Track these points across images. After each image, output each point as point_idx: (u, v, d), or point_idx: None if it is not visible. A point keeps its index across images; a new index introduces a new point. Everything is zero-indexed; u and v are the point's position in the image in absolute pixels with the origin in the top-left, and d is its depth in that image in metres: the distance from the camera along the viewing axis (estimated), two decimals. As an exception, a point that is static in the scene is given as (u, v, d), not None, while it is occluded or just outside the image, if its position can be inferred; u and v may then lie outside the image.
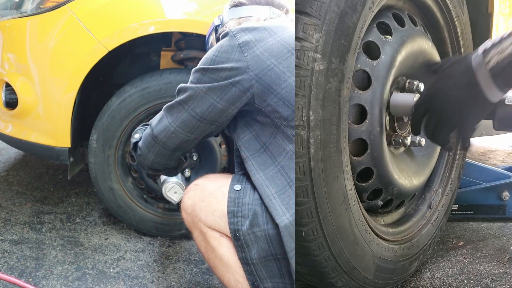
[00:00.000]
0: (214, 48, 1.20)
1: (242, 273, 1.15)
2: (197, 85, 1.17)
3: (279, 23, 1.25)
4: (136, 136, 1.34)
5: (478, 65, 0.86)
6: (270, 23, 1.23)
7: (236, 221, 1.13)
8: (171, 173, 1.39)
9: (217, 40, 1.38)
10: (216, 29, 1.39)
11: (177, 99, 1.21)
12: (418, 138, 1.44)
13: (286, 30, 1.21)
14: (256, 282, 1.14)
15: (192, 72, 1.21)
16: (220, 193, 1.17)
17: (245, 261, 1.14)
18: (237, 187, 1.17)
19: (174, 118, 1.20)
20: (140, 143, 1.29)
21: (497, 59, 0.84)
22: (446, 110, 0.95)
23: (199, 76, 1.18)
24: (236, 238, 1.13)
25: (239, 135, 1.22)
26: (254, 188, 1.16)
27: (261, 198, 1.13)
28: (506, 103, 1.09)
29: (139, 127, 1.40)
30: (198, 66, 1.20)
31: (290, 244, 1.07)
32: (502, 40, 0.85)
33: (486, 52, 0.86)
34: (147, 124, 1.30)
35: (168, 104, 1.23)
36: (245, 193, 1.16)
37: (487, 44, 0.89)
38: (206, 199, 1.19)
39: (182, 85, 1.21)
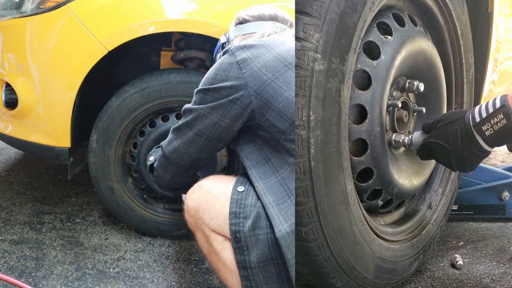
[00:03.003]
0: (214, 67, 1.23)
1: None
2: (200, 106, 1.22)
3: (277, 38, 1.27)
4: (150, 158, 1.40)
5: (476, 133, 1.18)
6: (268, 38, 1.26)
7: (237, 222, 1.11)
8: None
9: None
10: (223, 46, 1.41)
11: (183, 120, 1.25)
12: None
13: (283, 44, 1.22)
14: None
15: (195, 93, 1.24)
16: (224, 197, 1.16)
17: (242, 265, 1.11)
18: (240, 188, 1.17)
19: (182, 140, 1.26)
20: (155, 165, 1.35)
21: (490, 132, 1.16)
22: (449, 160, 1.25)
23: (201, 97, 1.22)
24: (236, 240, 1.11)
25: (242, 148, 1.24)
26: None
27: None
28: None
29: (153, 150, 1.46)
30: (200, 86, 1.24)
31: (287, 254, 1.05)
32: (492, 114, 1.14)
33: (480, 124, 1.17)
34: (160, 146, 1.35)
35: (175, 126, 1.29)
36: (248, 195, 1.15)
37: (478, 113, 1.18)
38: (210, 202, 1.18)
39: (187, 106, 1.25)
